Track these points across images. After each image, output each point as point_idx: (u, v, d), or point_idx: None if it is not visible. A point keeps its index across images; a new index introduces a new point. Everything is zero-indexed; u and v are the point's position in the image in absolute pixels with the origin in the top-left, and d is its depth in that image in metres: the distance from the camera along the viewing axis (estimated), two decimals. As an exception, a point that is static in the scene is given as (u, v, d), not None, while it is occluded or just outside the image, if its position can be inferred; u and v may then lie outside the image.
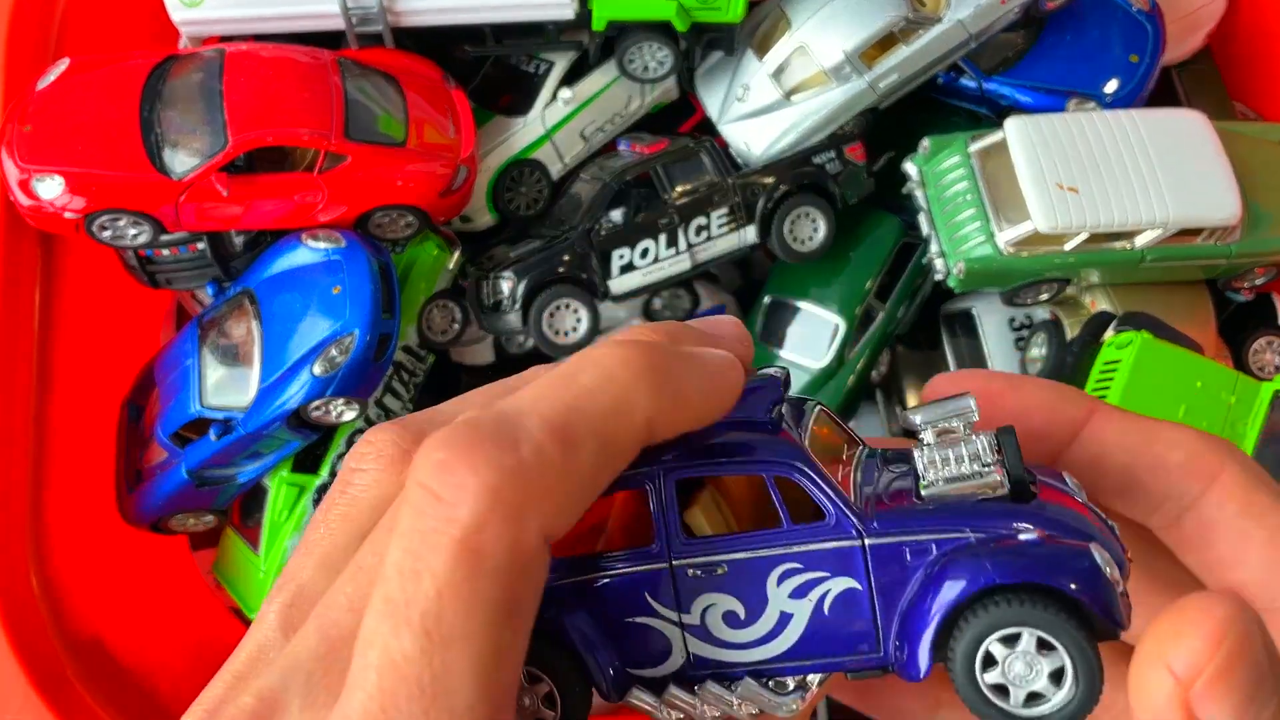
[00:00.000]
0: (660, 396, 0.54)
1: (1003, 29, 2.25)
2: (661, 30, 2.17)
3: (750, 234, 2.23)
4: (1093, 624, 0.59)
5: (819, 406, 0.72)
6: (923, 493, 0.64)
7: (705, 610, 0.65)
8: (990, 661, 0.60)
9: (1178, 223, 2.06)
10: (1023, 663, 0.59)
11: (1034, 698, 0.59)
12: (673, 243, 2.18)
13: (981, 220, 2.12)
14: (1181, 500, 0.64)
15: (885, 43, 2.17)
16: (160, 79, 1.96)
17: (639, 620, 0.65)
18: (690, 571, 0.65)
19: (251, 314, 1.97)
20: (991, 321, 2.32)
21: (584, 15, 2.12)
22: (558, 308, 2.14)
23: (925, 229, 2.22)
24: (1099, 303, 2.24)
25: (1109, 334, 2.07)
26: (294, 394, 1.87)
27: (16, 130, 1.89)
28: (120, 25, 2.22)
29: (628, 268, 2.17)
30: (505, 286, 2.13)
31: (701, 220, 2.19)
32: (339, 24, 2.08)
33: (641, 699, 0.66)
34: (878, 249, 2.34)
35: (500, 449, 0.48)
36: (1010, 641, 0.60)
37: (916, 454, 0.66)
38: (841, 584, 0.63)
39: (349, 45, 2.15)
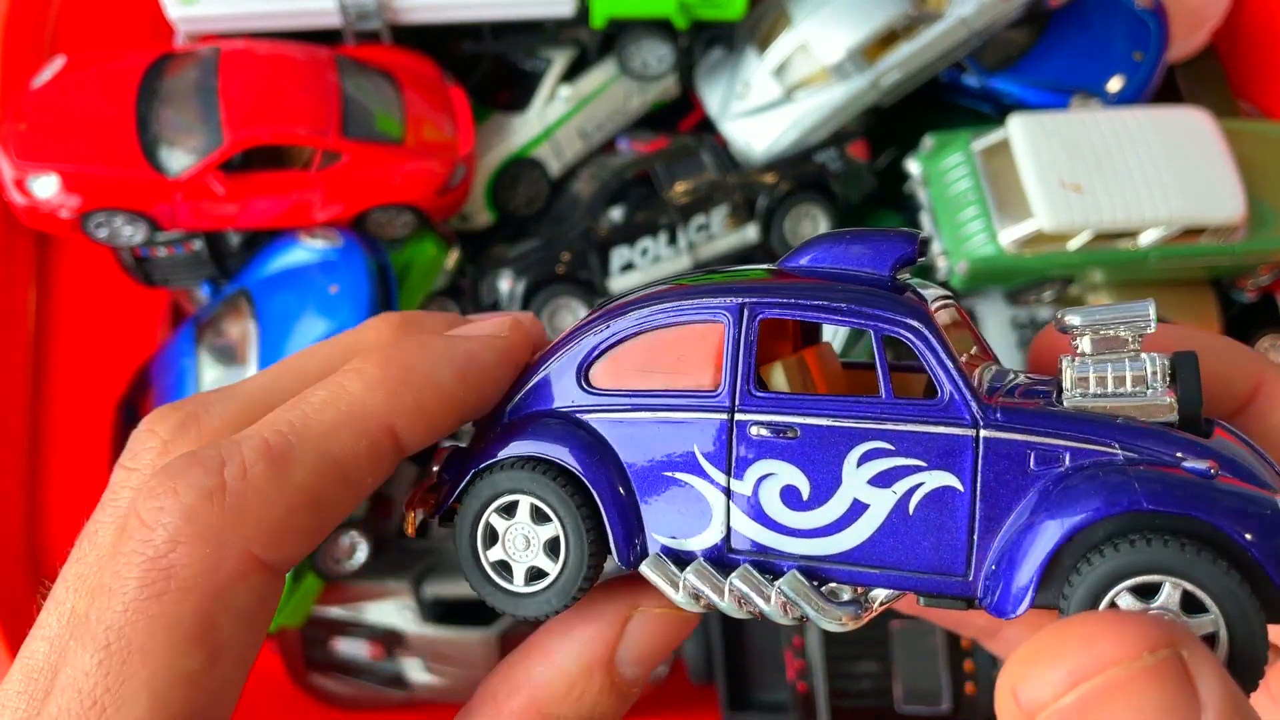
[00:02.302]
0: (399, 400, 0.54)
1: (1005, 26, 2.24)
2: (661, 27, 2.16)
3: (751, 232, 2.21)
4: (1267, 589, 0.46)
5: (950, 298, 0.61)
6: (1064, 400, 0.52)
7: (762, 480, 0.55)
8: None
9: (1181, 221, 2.04)
10: None
11: None
12: (673, 241, 2.16)
13: (984, 219, 2.10)
14: None
15: (887, 40, 2.15)
16: (156, 77, 1.95)
17: (679, 476, 0.56)
18: (754, 429, 0.54)
19: (248, 314, 1.95)
20: (994, 321, 2.31)
21: (583, 12, 2.11)
22: (557, 307, 2.13)
23: (928, 228, 2.20)
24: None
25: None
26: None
27: (11, 129, 1.88)
28: (116, 23, 2.21)
29: (627, 267, 2.15)
30: (504, 285, 2.12)
31: (702, 219, 2.18)
32: (336, 21, 2.07)
33: (657, 571, 0.56)
34: (879, 248, 2.32)
35: (205, 473, 0.49)
36: (1147, 594, 0.47)
37: (1064, 363, 0.53)
38: (938, 479, 0.52)
39: (346, 42, 2.14)
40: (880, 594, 0.54)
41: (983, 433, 0.51)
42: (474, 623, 1.99)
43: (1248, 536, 0.45)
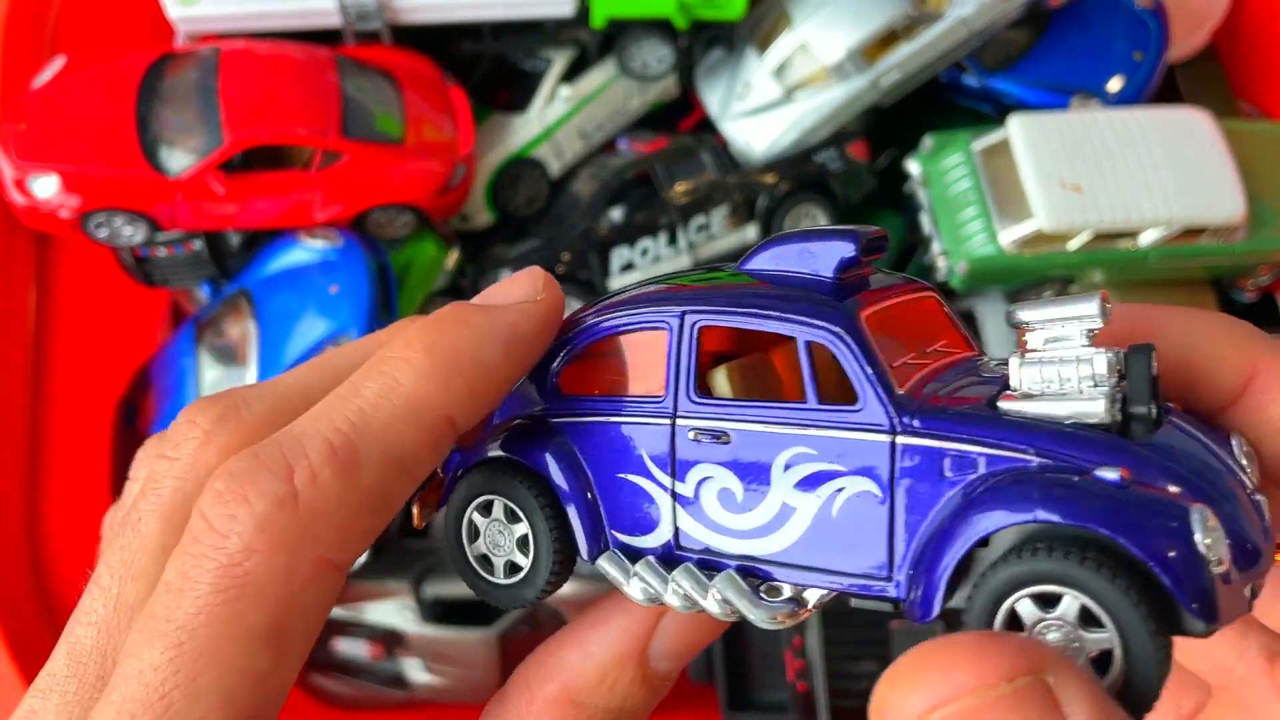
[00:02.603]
0: (453, 386, 0.54)
1: (1005, 26, 2.23)
2: (661, 27, 2.16)
3: (751, 232, 2.21)
4: (1167, 607, 0.44)
5: (928, 291, 0.60)
6: (1000, 404, 0.51)
7: (702, 482, 0.56)
8: (1016, 625, 0.47)
9: (1181, 221, 2.04)
10: (1061, 634, 0.46)
11: None
12: (673, 241, 2.16)
13: (984, 219, 2.10)
14: None
15: (887, 40, 2.15)
16: (156, 77, 1.95)
17: (632, 479, 0.58)
18: (692, 434, 0.56)
19: (248, 314, 1.95)
20: (993, 322, 2.30)
21: (583, 12, 2.11)
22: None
23: (927, 228, 2.20)
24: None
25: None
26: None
27: (12, 129, 1.88)
28: (116, 23, 2.21)
29: (627, 267, 2.15)
30: (504, 286, 2.11)
31: (702, 219, 2.18)
32: (336, 21, 2.07)
33: (611, 566, 0.59)
34: (879, 248, 2.32)
35: (274, 479, 0.49)
36: (1048, 603, 0.46)
37: (1013, 361, 0.52)
38: (858, 484, 0.52)
39: (346, 42, 2.14)
40: (815, 595, 0.55)
41: (898, 439, 0.51)
42: (474, 623, 1.99)
43: (1147, 549, 0.44)
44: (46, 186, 1.85)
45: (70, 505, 1.99)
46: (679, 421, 0.57)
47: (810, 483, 0.53)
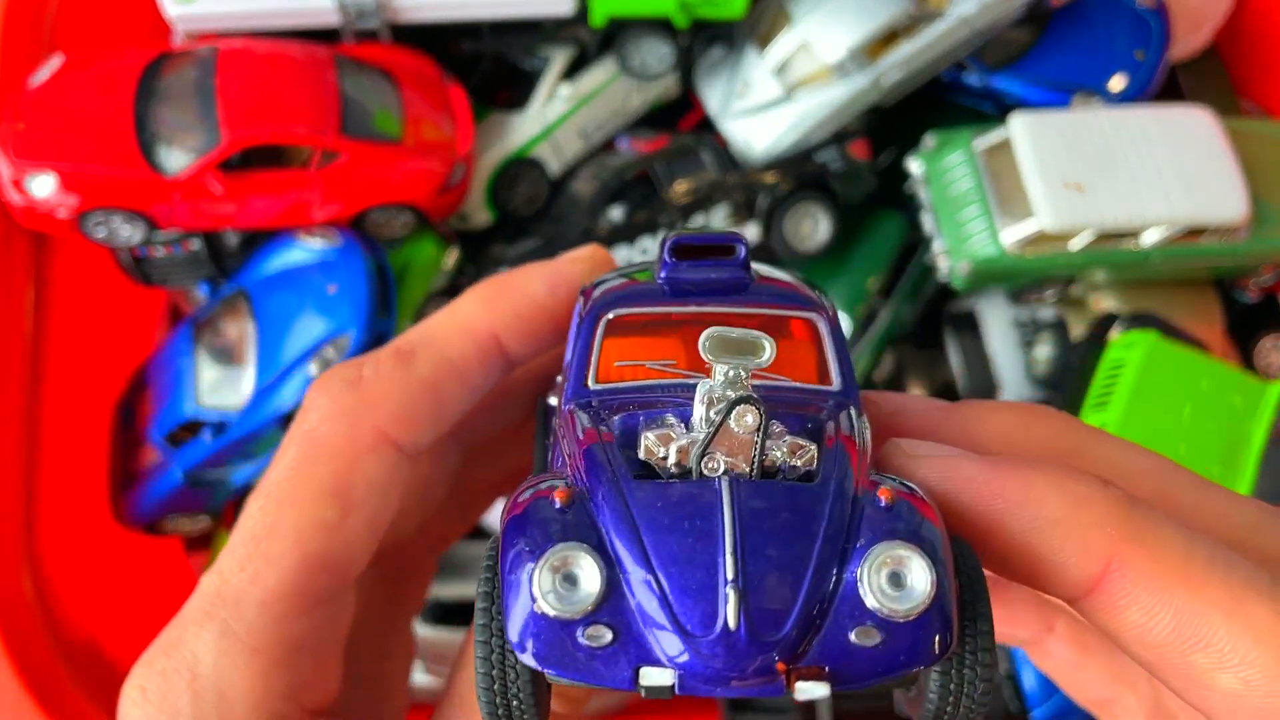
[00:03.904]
0: (499, 309, 0.65)
1: (1007, 25, 2.23)
2: (662, 26, 2.15)
3: (752, 232, 2.20)
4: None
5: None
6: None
7: None
8: None
9: (1184, 221, 2.04)
10: None
11: None
12: (673, 241, 2.16)
13: (986, 218, 2.09)
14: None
15: (888, 39, 2.15)
16: (154, 76, 1.94)
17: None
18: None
19: (246, 314, 1.95)
20: (996, 321, 2.30)
21: (583, 11, 2.10)
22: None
23: (929, 227, 2.20)
24: (1105, 302, 2.22)
25: (1115, 334, 2.04)
26: (289, 395, 1.85)
27: (9, 128, 1.87)
28: (114, 22, 2.20)
29: (628, 266, 2.15)
30: (504, 286, 2.11)
31: (702, 218, 2.17)
32: (335, 20, 2.06)
33: None
34: (881, 248, 2.32)
35: (349, 369, 0.63)
36: None
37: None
38: None
39: (346, 41, 2.13)
40: None
41: None
42: (473, 624, 1.98)
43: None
44: (44, 186, 1.84)
45: (68, 506, 1.99)
46: (568, 407, 0.61)
47: None
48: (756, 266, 0.61)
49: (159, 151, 1.87)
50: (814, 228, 2.23)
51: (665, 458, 0.47)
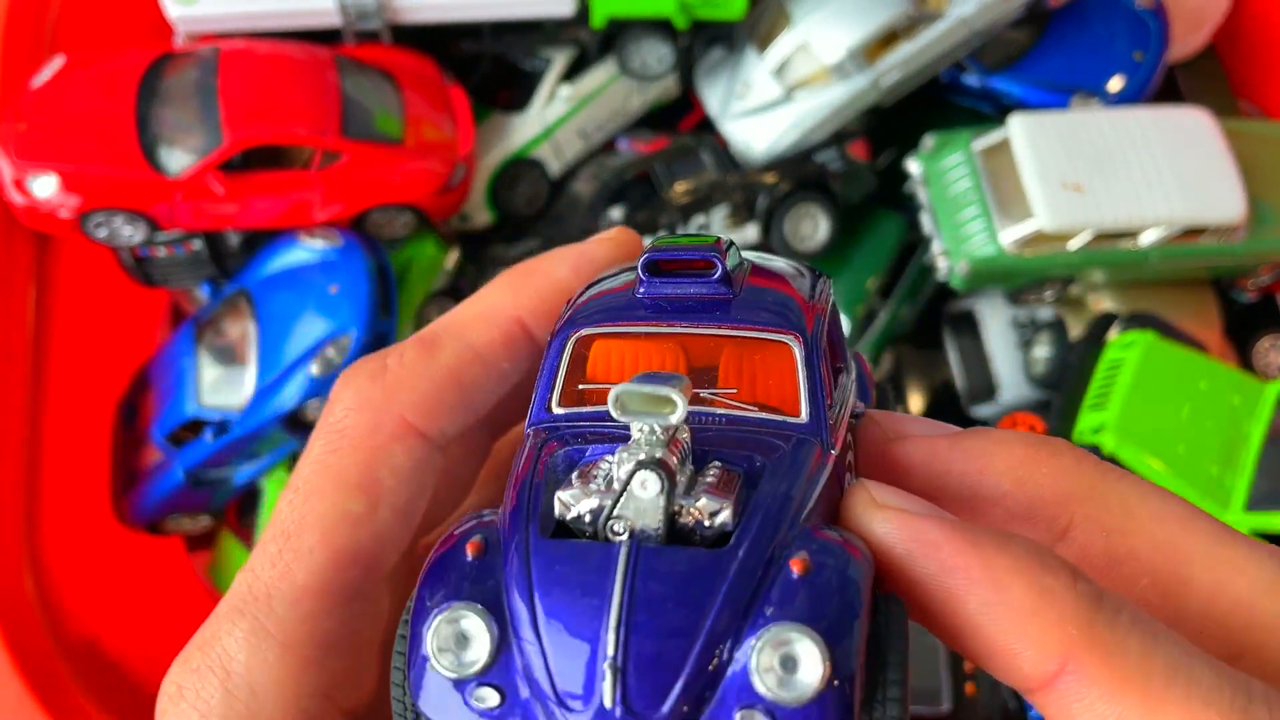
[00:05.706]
0: (522, 292, 0.64)
1: (1006, 26, 2.23)
2: (661, 27, 2.16)
3: (751, 232, 2.21)
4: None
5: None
6: None
7: None
8: None
9: (1183, 221, 2.04)
10: None
11: None
12: (673, 241, 2.16)
13: (985, 219, 2.10)
14: None
15: (887, 40, 2.15)
16: (156, 76, 1.94)
17: None
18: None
19: (248, 314, 1.95)
20: (994, 321, 2.30)
21: (583, 12, 2.11)
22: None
23: (928, 227, 2.20)
24: (1103, 302, 2.22)
25: (1113, 334, 2.05)
26: (290, 395, 1.85)
27: (11, 128, 1.87)
28: (116, 23, 2.20)
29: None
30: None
31: (702, 219, 2.17)
32: (336, 21, 2.07)
33: None
34: (880, 248, 2.32)
35: (371, 362, 0.62)
36: None
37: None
38: None
39: (346, 42, 2.14)
40: None
41: None
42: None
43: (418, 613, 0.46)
44: (46, 186, 1.85)
45: (70, 505, 1.99)
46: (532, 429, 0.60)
47: None
48: (752, 257, 0.60)
49: (160, 152, 1.87)
50: (813, 228, 2.23)
51: (580, 516, 0.45)
